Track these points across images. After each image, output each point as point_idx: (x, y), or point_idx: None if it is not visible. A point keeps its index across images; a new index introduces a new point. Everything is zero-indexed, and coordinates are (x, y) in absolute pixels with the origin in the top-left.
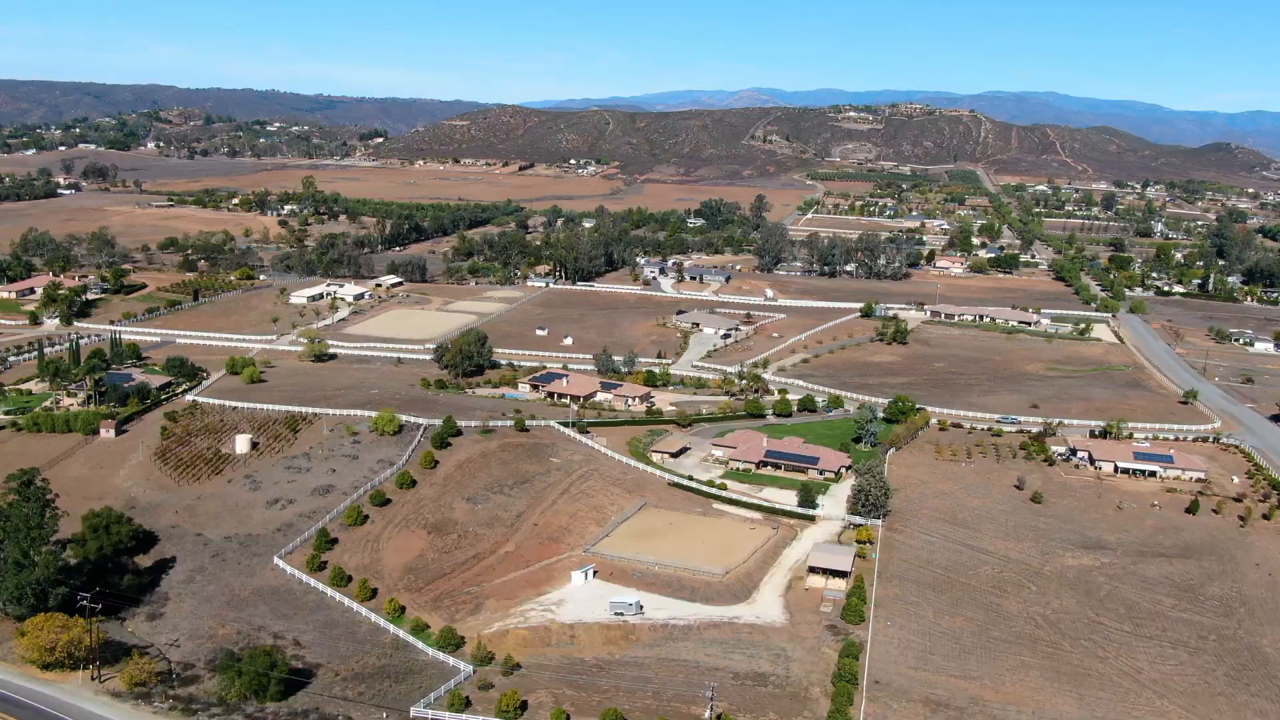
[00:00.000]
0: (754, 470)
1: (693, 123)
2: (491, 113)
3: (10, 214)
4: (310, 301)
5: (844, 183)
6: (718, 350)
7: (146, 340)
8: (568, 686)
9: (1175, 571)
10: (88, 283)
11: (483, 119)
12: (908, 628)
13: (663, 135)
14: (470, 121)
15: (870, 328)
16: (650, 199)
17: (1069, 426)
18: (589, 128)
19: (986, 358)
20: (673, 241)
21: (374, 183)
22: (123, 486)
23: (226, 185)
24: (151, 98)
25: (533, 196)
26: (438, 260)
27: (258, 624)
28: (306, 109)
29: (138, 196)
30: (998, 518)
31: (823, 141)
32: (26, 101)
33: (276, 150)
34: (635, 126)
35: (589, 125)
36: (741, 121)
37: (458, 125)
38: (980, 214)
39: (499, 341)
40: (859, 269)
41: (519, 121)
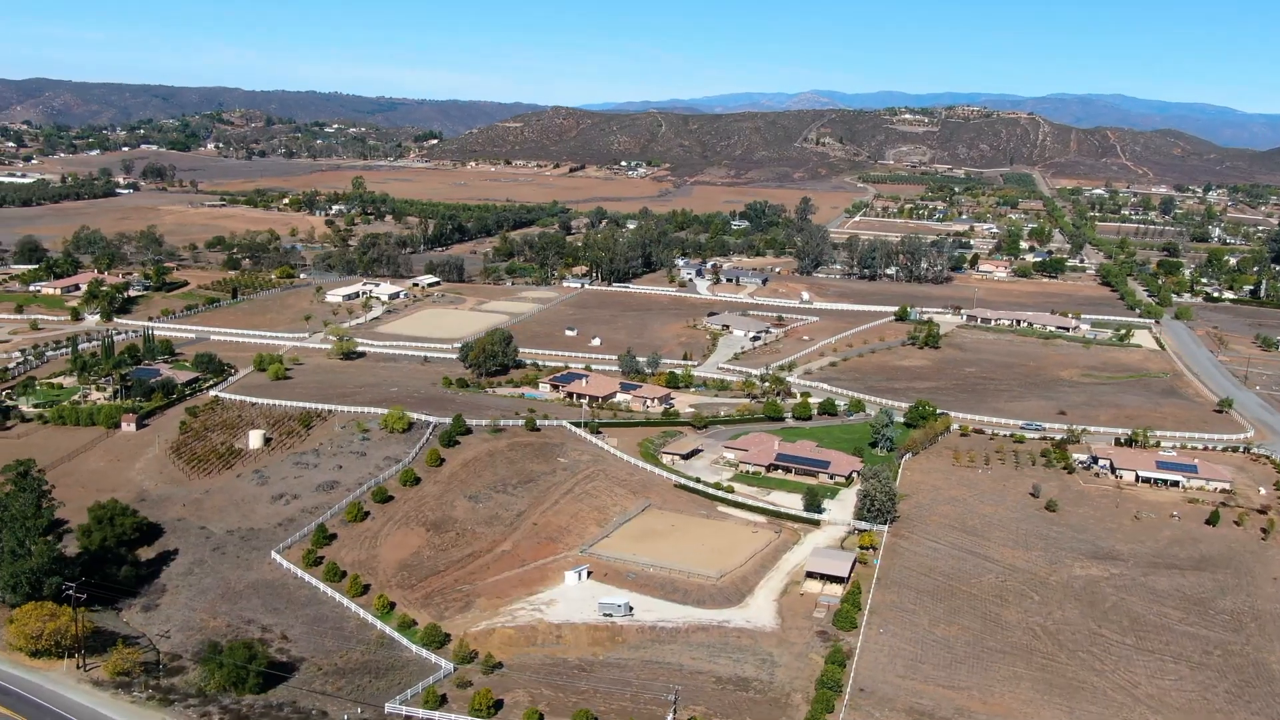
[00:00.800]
0: (764, 473)
1: (745, 125)
2: (545, 114)
3: (68, 212)
4: (345, 300)
5: (895, 185)
6: (746, 353)
7: (181, 337)
8: (546, 687)
9: (1187, 584)
10: (130, 280)
11: (536, 121)
12: (900, 635)
13: (715, 137)
14: (523, 123)
15: (903, 332)
16: (698, 201)
17: (1094, 434)
18: (641, 130)
19: (1020, 363)
20: (714, 243)
21: (425, 183)
22: (136, 479)
23: (280, 185)
24: (217, 99)
25: (580, 198)
26: (478, 261)
27: (248, 617)
28: (368, 111)
29: (192, 196)
30: (1008, 525)
31: (876, 144)
32: (97, 103)
33: (332, 151)
34: (688, 128)
35: (641, 127)
36: (794, 124)
37: (511, 127)
38: (1032, 218)
39: (528, 341)
40: (900, 272)
41: (571, 123)
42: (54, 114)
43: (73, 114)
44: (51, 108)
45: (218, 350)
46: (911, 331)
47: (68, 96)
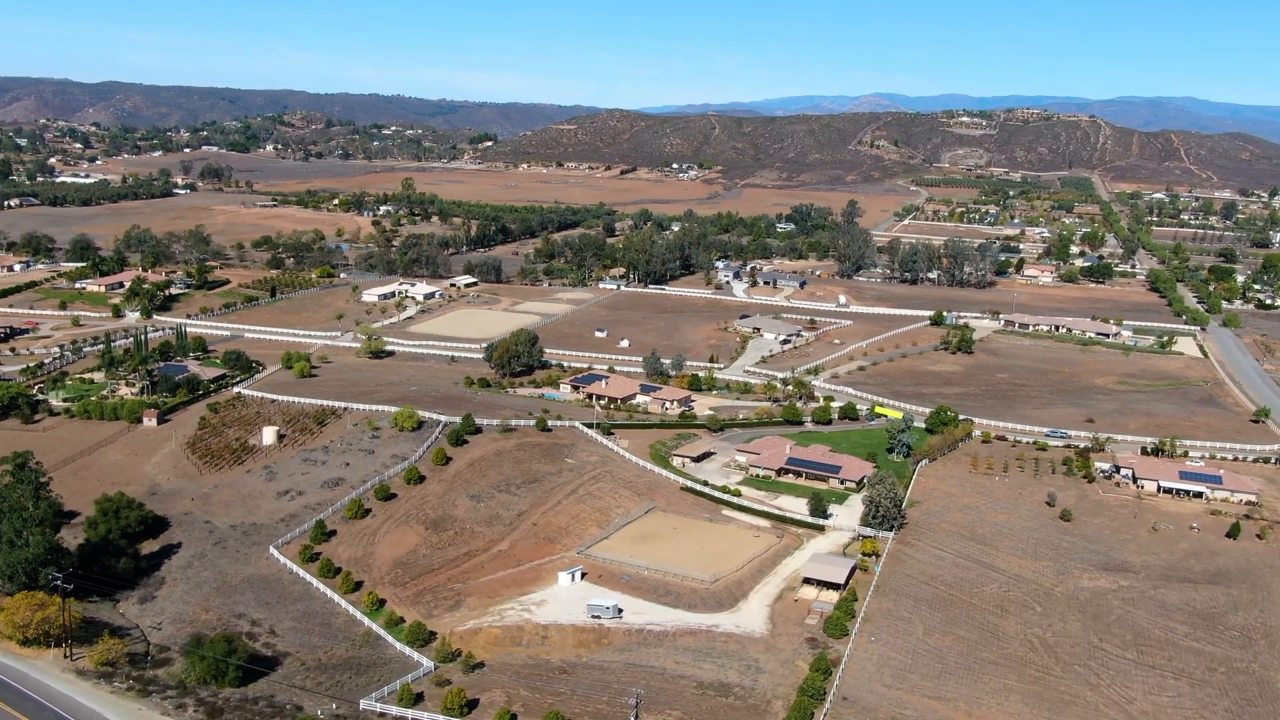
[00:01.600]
0: (774, 477)
1: (799, 127)
2: (599, 117)
3: (125, 212)
4: (381, 300)
5: (949, 189)
6: (774, 356)
7: (216, 334)
8: (525, 687)
9: (1199, 598)
10: (173, 278)
11: (590, 123)
12: (892, 644)
13: (768, 140)
14: (577, 126)
15: (937, 336)
16: (747, 203)
17: (1120, 442)
18: (694, 132)
19: (1054, 369)
20: (756, 246)
21: (476, 185)
22: (150, 473)
23: (333, 186)
24: (282, 102)
25: (629, 200)
26: (519, 261)
27: (240, 611)
28: (429, 113)
29: (245, 196)
30: (1019, 535)
31: (932, 147)
32: (165, 106)
33: (388, 153)
34: (741, 131)
35: (695, 130)
36: (849, 126)
37: (565, 129)
38: (1086, 222)
39: (557, 343)
40: (942, 276)
41: (625, 126)
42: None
43: (142, 116)
44: (122, 110)
45: (251, 348)
46: (945, 336)
47: (138, 99)
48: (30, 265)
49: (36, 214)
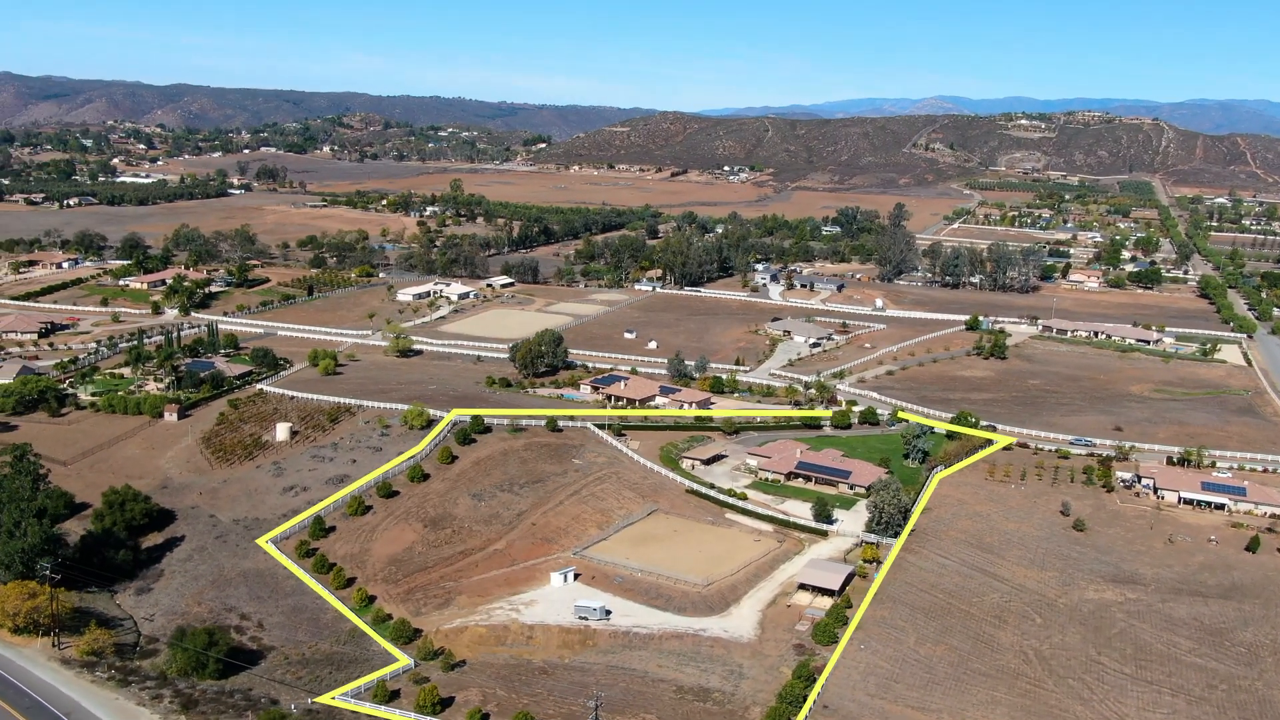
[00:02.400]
0: (783, 481)
1: (853, 130)
2: (652, 119)
3: (179, 211)
4: (415, 299)
5: (1004, 192)
6: (802, 359)
7: (249, 332)
8: (502, 687)
9: (1208, 613)
10: (214, 276)
11: (643, 125)
12: (881, 653)
13: (821, 142)
14: (630, 128)
15: (970, 341)
16: (795, 206)
17: (1145, 452)
18: (747, 134)
19: (1089, 376)
20: (798, 249)
21: (526, 186)
22: (163, 467)
23: (385, 187)
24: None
25: (677, 202)
26: (560, 263)
27: (231, 605)
28: (489, 115)
29: (297, 197)
30: (1029, 544)
31: (989, 150)
32: (231, 108)
33: (442, 154)
34: (795, 133)
35: (748, 132)
36: (904, 129)
37: (618, 131)
38: (1141, 227)
39: (586, 344)
40: (985, 281)
41: (678, 128)
42: (191, 118)
43: (208, 118)
44: (189, 112)
45: (283, 345)
46: (978, 341)
47: (204, 101)
48: (78, 263)
49: (94, 213)
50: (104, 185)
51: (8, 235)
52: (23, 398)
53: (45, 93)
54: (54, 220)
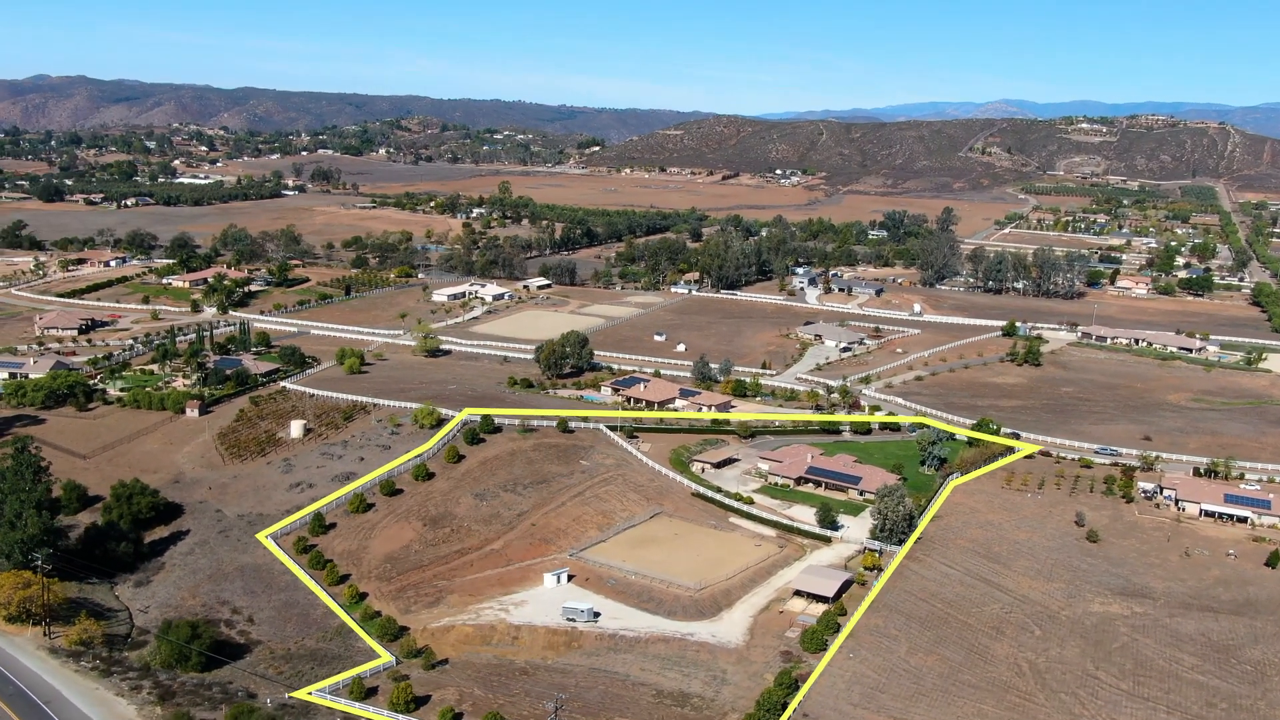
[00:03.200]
0: (792, 486)
1: (909, 133)
2: (706, 122)
3: (231, 212)
4: (450, 300)
5: (1060, 197)
6: (830, 363)
7: (282, 330)
8: (480, 687)
9: (1217, 629)
10: (255, 275)
11: (696, 128)
12: (870, 661)
13: (876, 146)
14: (684, 131)
15: (1005, 347)
16: (845, 210)
17: (1171, 462)
18: (801, 138)
19: (1125, 384)
20: (841, 252)
21: (576, 189)
22: (178, 461)
23: (436, 189)
24: (405, 107)
25: (726, 205)
26: (600, 265)
27: (224, 598)
28: (548, 119)
29: (348, 198)
30: (1038, 554)
31: (1047, 154)
32: (295, 111)
33: (496, 157)
34: (849, 137)
35: (802, 136)
36: (961, 133)
37: (671, 135)
38: (1200, 233)
39: (615, 346)
40: (1029, 286)
41: (732, 131)
42: (256, 120)
43: (272, 120)
44: (254, 115)
45: (315, 344)
46: (1012, 348)
47: (270, 104)
48: (125, 261)
49: (149, 213)
50: (162, 186)
51: (64, 234)
52: (52, 392)
53: (117, 96)
54: (110, 220)
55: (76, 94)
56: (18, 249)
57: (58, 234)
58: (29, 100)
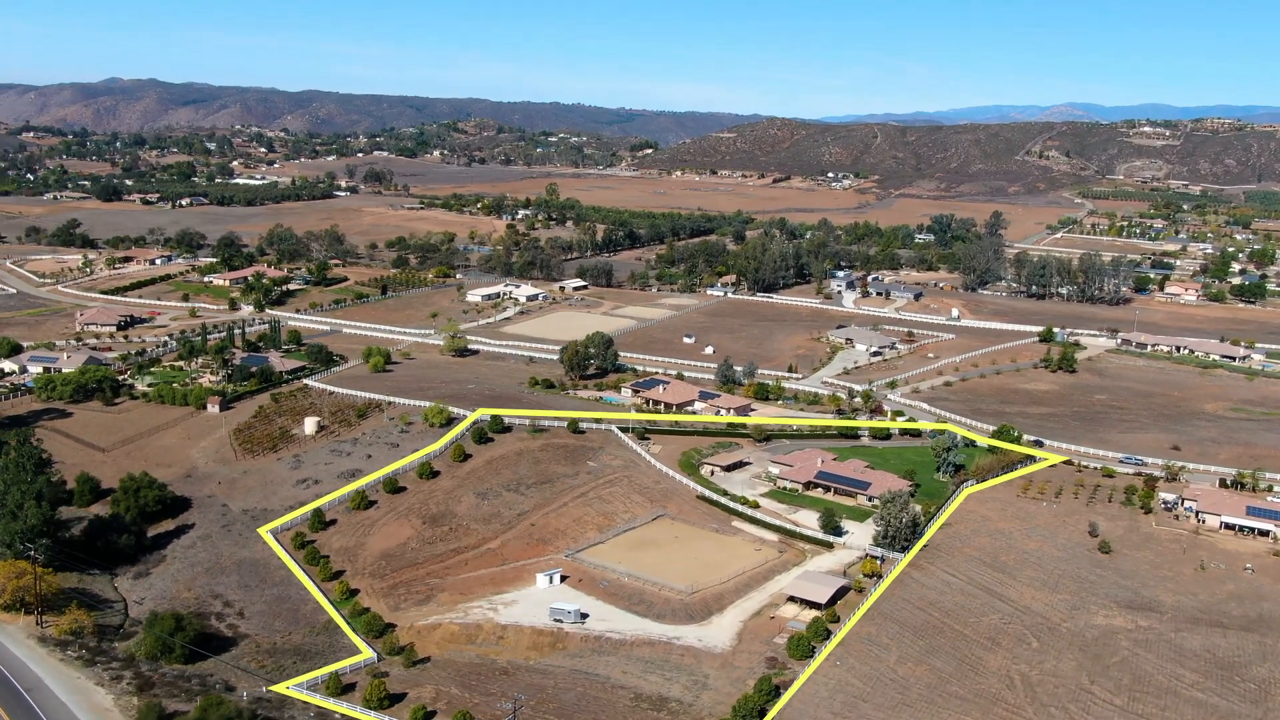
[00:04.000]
0: (801, 491)
1: (965, 137)
2: (759, 125)
3: (282, 212)
4: (484, 300)
5: (1118, 202)
6: (859, 367)
7: (315, 329)
8: (457, 686)
9: (1224, 645)
10: (295, 274)
11: (749, 131)
12: (856, 670)
13: (931, 149)
14: (737, 134)
15: (1040, 353)
16: (896, 213)
17: (1197, 473)
18: (855, 141)
19: (1162, 393)
20: (884, 256)
21: (625, 191)
22: (193, 456)
23: (486, 190)
24: (466, 110)
25: (774, 208)
26: (641, 267)
27: (218, 592)
28: (607, 121)
29: (397, 199)
30: (1046, 565)
31: (1107, 158)
32: (357, 113)
33: (548, 159)
34: (904, 140)
35: (855, 138)
36: (1019, 136)
37: (724, 137)
38: (1261, 238)
39: (644, 347)
40: (1074, 292)
41: (785, 134)
42: (318, 123)
43: (334, 123)
44: (317, 117)
45: (346, 343)
46: (1046, 354)
47: (332, 107)
48: (171, 259)
49: (202, 212)
50: (217, 186)
51: (117, 233)
52: (80, 386)
53: (185, 98)
54: (163, 219)
55: (146, 97)
56: (70, 247)
57: (111, 232)
58: (100, 103)
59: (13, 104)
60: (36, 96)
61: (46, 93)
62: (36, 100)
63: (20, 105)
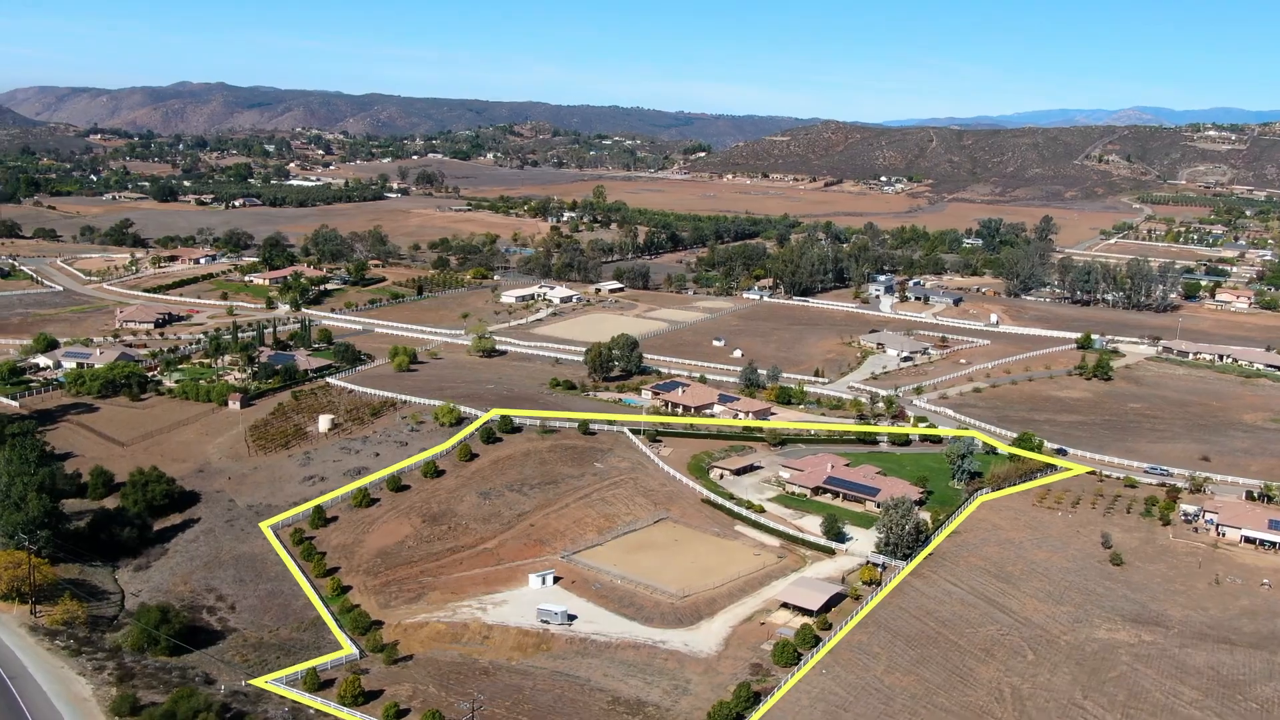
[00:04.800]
0: (809, 496)
1: (1023, 141)
2: (813, 129)
3: (331, 213)
4: (518, 301)
5: (1178, 208)
6: (888, 372)
7: (347, 328)
8: (435, 685)
9: (1230, 662)
10: (333, 274)
11: (803, 135)
12: (841, 678)
13: (987, 153)
14: (790, 137)
15: (1075, 360)
16: (947, 218)
17: (1224, 484)
18: (910, 145)
19: (1200, 402)
20: (928, 261)
21: (674, 194)
22: (207, 452)
23: (535, 193)
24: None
25: (823, 212)
26: (681, 269)
27: (212, 586)
28: (665, 125)
29: (446, 201)
30: (1053, 576)
31: (1170, 163)
32: (417, 116)
33: (600, 162)
34: (960, 144)
35: (910, 142)
36: (1079, 140)
37: (777, 141)
38: None
39: (672, 350)
40: (1120, 299)
41: (839, 138)
42: (379, 126)
43: (395, 126)
44: (378, 120)
45: (377, 342)
46: (1081, 361)
47: (393, 110)
48: (215, 259)
49: (254, 213)
50: (272, 188)
51: (168, 232)
52: (109, 381)
53: (251, 101)
54: (214, 219)
55: (213, 100)
56: (121, 246)
57: (163, 232)
58: (169, 105)
59: (85, 107)
60: (108, 100)
61: (118, 96)
62: (108, 104)
63: (93, 108)
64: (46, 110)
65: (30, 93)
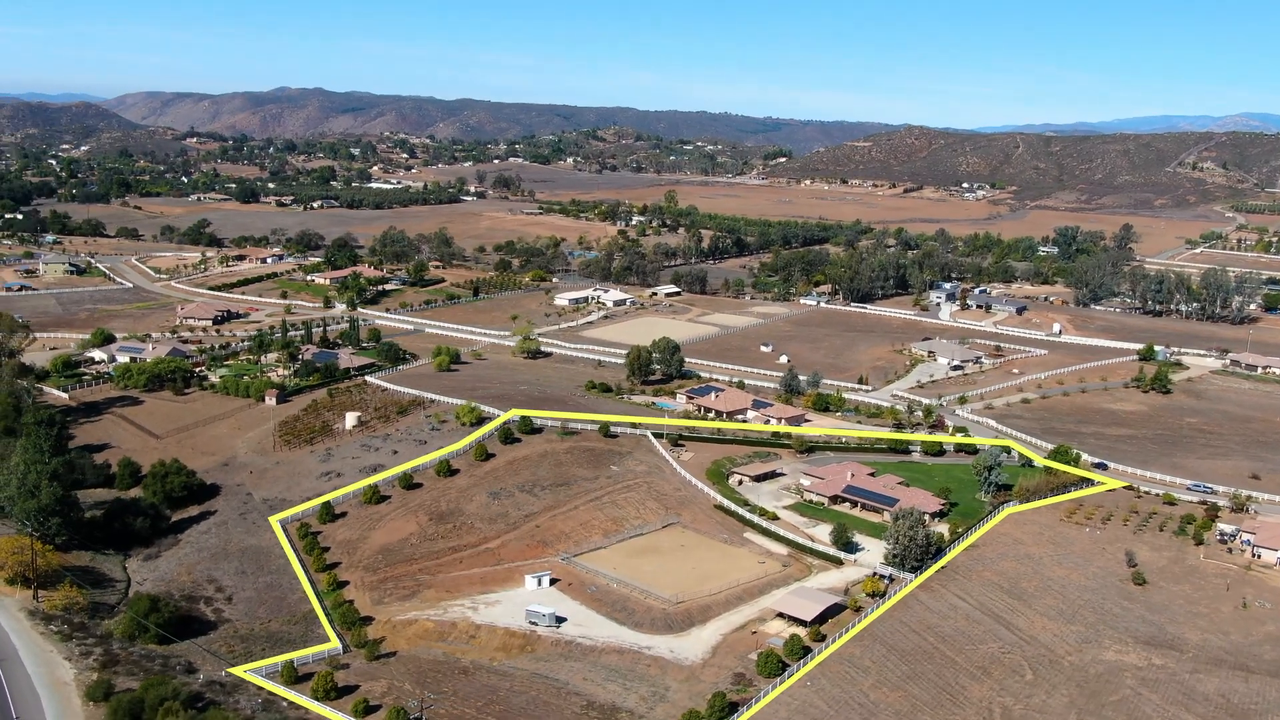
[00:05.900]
0: (826, 504)
1: (1112, 147)
2: (896, 135)
3: (406, 215)
4: (571, 304)
5: (1274, 216)
6: (935, 380)
7: (398, 328)
8: (412, 682)
9: (1242, 690)
10: (392, 275)
11: (886, 140)
12: (825, 692)
13: (1075, 160)
14: (872, 143)
15: (1133, 373)
16: (1027, 226)
17: (1270, 504)
18: (995, 151)
19: (1263, 418)
20: (997, 269)
21: (749, 200)
22: (235, 446)
23: (610, 197)
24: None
25: (899, 218)
26: (744, 274)
27: (213, 577)
28: (752, 130)
29: (519, 204)
30: (1068, 593)
31: (1269, 171)
32: (506, 121)
33: (679, 167)
34: (1047, 150)
35: (995, 148)
36: (1171, 147)
37: (859, 146)
38: None
39: (718, 354)
40: (1195, 310)
41: (923, 144)
42: (468, 131)
43: (484, 130)
44: (467, 125)
45: (426, 342)
46: (1140, 373)
47: (482, 115)
48: (281, 259)
49: (330, 215)
50: (351, 190)
51: (244, 232)
52: (155, 375)
53: (345, 106)
54: (289, 220)
55: (309, 104)
56: (196, 245)
57: (239, 232)
58: (267, 110)
59: (188, 111)
60: (210, 104)
61: (220, 101)
62: (210, 108)
63: (195, 112)
64: (152, 115)
65: (138, 98)
